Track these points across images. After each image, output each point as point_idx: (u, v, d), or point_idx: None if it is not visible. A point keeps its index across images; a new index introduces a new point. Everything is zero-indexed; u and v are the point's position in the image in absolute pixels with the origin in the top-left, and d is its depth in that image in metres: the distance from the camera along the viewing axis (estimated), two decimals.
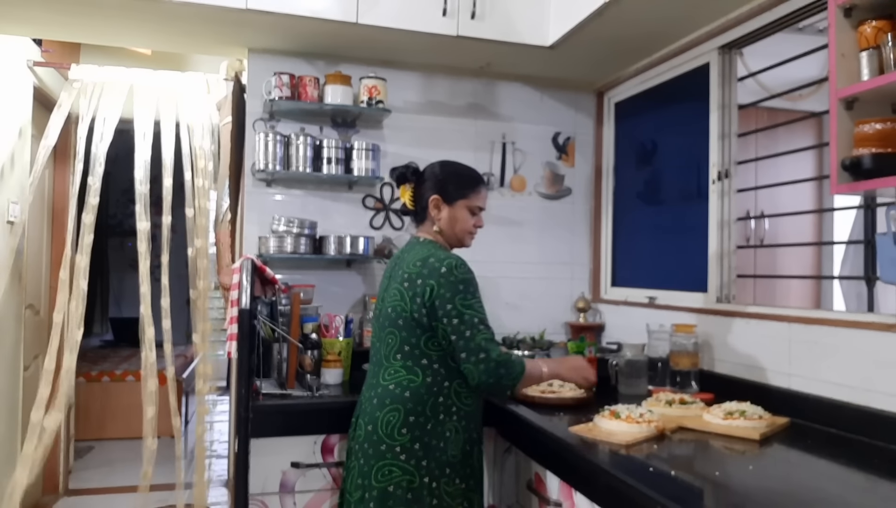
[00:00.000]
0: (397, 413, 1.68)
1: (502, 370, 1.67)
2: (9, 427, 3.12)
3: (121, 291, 7.33)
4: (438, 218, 1.86)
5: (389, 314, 1.76)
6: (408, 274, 1.74)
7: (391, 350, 1.75)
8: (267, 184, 2.67)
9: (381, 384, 1.74)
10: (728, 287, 2.33)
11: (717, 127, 2.36)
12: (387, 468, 1.66)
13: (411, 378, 1.71)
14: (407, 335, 1.73)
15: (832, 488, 1.39)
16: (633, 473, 1.39)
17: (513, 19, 2.49)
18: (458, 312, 1.67)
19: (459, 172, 1.91)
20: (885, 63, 1.45)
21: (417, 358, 1.72)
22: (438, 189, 1.86)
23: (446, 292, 1.68)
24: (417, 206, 1.90)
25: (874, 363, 1.69)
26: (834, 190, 1.55)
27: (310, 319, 2.41)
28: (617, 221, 3.01)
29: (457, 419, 1.73)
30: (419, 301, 1.70)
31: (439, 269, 1.70)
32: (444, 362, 1.72)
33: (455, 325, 1.67)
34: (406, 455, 1.67)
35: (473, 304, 1.69)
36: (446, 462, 1.70)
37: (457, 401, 1.73)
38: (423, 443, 1.68)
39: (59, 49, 3.46)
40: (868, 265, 2.54)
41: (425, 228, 1.89)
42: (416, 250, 1.81)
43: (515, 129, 2.98)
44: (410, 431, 1.68)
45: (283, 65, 2.64)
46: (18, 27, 2.59)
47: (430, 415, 1.69)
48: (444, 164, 1.93)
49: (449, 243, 1.89)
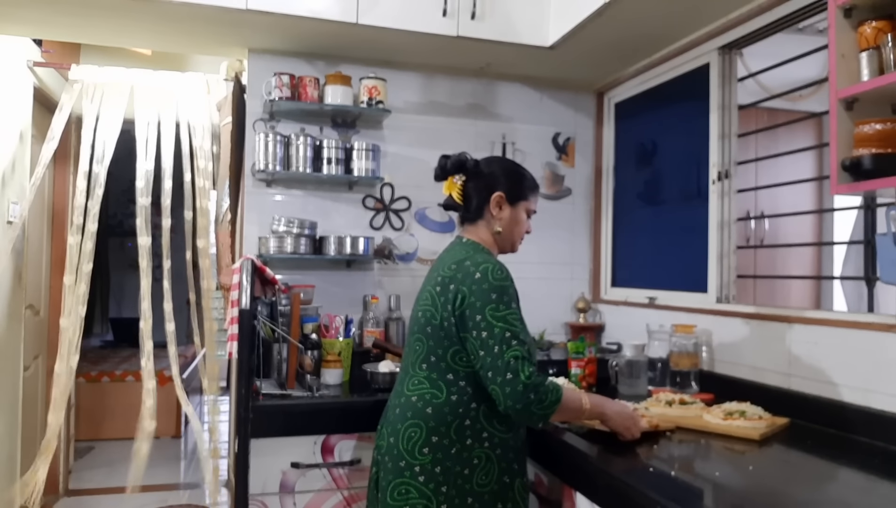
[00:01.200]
0: (418, 430, 1.54)
1: (531, 395, 1.44)
2: (9, 427, 3.12)
3: (121, 291, 7.33)
4: (500, 217, 1.70)
5: (419, 319, 1.63)
6: (441, 277, 1.60)
7: (417, 359, 1.62)
8: (267, 184, 2.67)
9: (405, 394, 1.61)
10: (728, 287, 2.33)
11: (717, 127, 2.36)
12: (404, 486, 1.53)
13: (434, 393, 1.56)
14: (434, 345, 1.58)
15: (832, 488, 1.39)
16: (633, 473, 1.40)
17: (513, 20, 2.49)
18: (488, 323, 1.49)
19: (522, 171, 1.78)
20: (885, 63, 1.45)
21: (443, 372, 1.57)
22: (503, 186, 1.71)
23: (477, 300, 1.51)
24: (471, 202, 1.72)
25: (874, 363, 1.69)
26: (834, 190, 1.55)
27: (310, 319, 2.41)
28: (617, 221, 3.01)
29: (489, 447, 1.55)
30: (449, 308, 1.55)
31: (474, 274, 1.54)
32: (472, 380, 1.56)
33: (484, 339, 1.49)
34: (425, 476, 1.52)
35: (507, 316, 1.50)
36: (470, 492, 1.53)
37: (488, 426, 1.56)
38: (445, 467, 1.52)
39: (59, 49, 3.47)
40: (868, 266, 2.55)
41: (476, 227, 1.73)
42: (456, 251, 1.67)
43: (515, 129, 2.98)
44: (432, 452, 1.53)
45: (283, 65, 2.64)
46: (18, 27, 2.59)
47: (454, 438, 1.54)
48: (504, 160, 1.81)
49: (502, 246, 1.75)
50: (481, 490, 1.54)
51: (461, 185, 1.73)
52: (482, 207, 1.71)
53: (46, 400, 3.65)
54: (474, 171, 1.73)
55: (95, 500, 3.88)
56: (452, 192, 1.74)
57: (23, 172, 3.21)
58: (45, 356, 3.72)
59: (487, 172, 1.73)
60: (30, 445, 3.41)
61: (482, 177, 1.72)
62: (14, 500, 3.12)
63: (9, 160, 3.03)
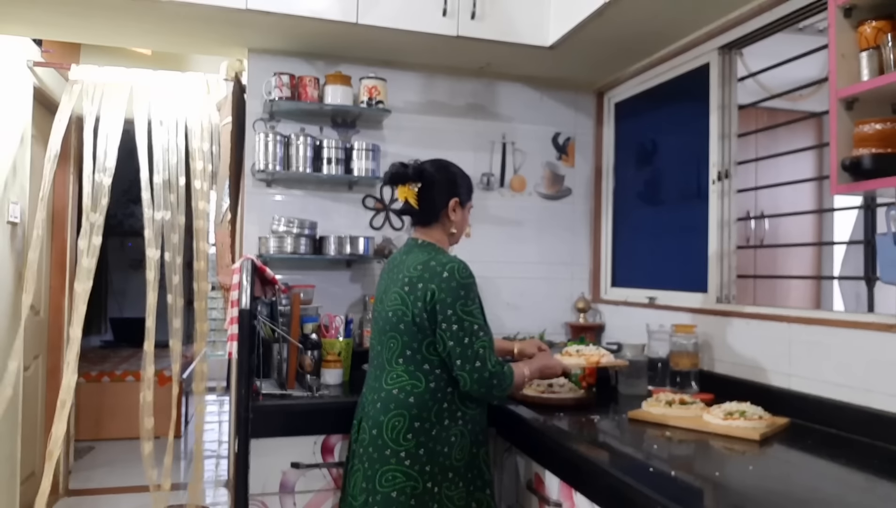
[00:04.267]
0: (402, 419, 1.67)
1: (494, 381, 1.67)
2: (9, 427, 3.12)
3: (121, 291, 7.32)
4: (454, 220, 1.84)
5: (390, 318, 1.74)
6: (408, 278, 1.72)
7: (393, 354, 1.73)
8: (267, 184, 2.67)
9: (385, 387, 1.72)
10: (728, 287, 2.33)
11: (717, 127, 2.36)
12: (391, 473, 1.65)
13: (414, 384, 1.70)
14: (408, 340, 1.71)
15: (832, 488, 1.39)
16: (633, 473, 1.39)
17: (513, 19, 2.49)
18: (458, 317, 1.65)
19: (464, 174, 1.90)
20: (885, 63, 1.45)
21: (419, 363, 1.70)
22: (457, 191, 1.84)
23: (447, 296, 1.66)
24: (426, 207, 1.83)
25: (874, 363, 1.69)
26: (834, 190, 1.55)
27: (310, 319, 2.41)
28: (617, 221, 3.01)
29: (462, 424, 1.72)
30: (420, 305, 1.68)
31: (441, 273, 1.68)
32: (445, 367, 1.71)
33: (454, 331, 1.65)
34: (411, 460, 1.66)
35: (473, 310, 1.68)
36: (450, 467, 1.69)
37: (461, 406, 1.73)
38: (428, 448, 1.67)
39: (59, 49, 3.46)
40: (868, 266, 2.54)
41: (431, 229, 1.85)
42: (416, 253, 1.78)
43: (515, 129, 2.98)
44: (416, 437, 1.67)
45: (283, 65, 2.64)
46: (18, 27, 2.59)
47: (434, 421, 1.69)
48: (449, 165, 1.88)
49: (452, 243, 1.89)
50: (458, 464, 1.71)
51: (417, 191, 1.82)
52: (439, 211, 1.83)
53: (46, 400, 3.66)
54: (430, 178, 1.83)
55: (95, 500, 3.88)
56: (409, 198, 1.83)
57: (23, 173, 3.21)
58: (46, 356, 3.72)
59: (441, 179, 1.84)
60: (30, 445, 3.41)
61: (437, 184, 1.83)
62: (14, 500, 3.12)
63: (9, 160, 3.03)
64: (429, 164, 1.87)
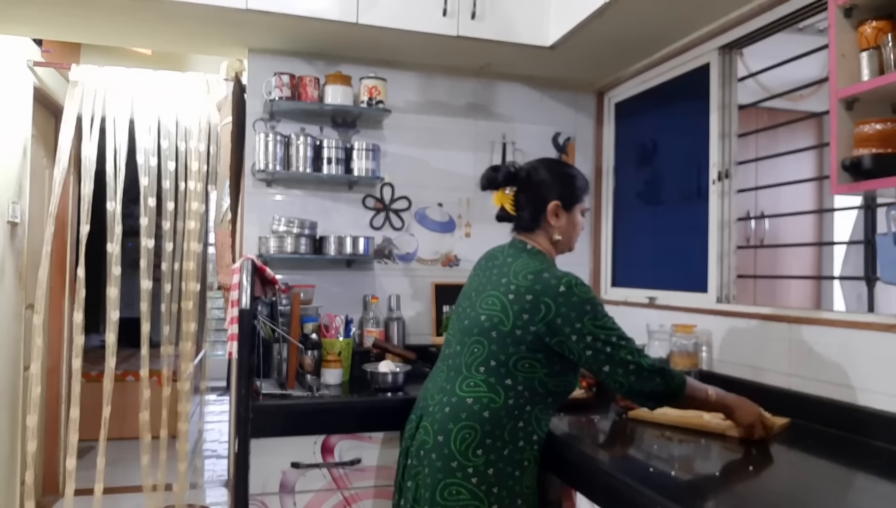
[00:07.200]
0: (473, 432, 1.54)
1: (658, 378, 1.51)
2: (9, 427, 3.12)
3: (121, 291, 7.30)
4: (557, 225, 1.70)
5: (482, 322, 1.60)
6: (515, 286, 1.57)
7: (475, 360, 1.60)
8: (267, 184, 2.68)
9: (458, 393, 1.59)
10: (728, 287, 2.33)
11: (718, 127, 2.36)
12: (454, 487, 1.53)
13: (492, 398, 1.56)
14: (496, 350, 1.57)
15: (832, 488, 1.39)
16: (633, 473, 1.39)
17: (513, 19, 2.49)
18: (591, 331, 1.51)
19: (572, 173, 1.76)
20: (885, 63, 1.45)
21: (502, 377, 1.56)
22: (557, 194, 1.70)
23: (570, 311, 1.52)
24: (525, 212, 1.71)
25: (874, 363, 1.69)
26: (834, 190, 1.55)
27: (310, 319, 2.41)
28: (617, 221, 3.00)
29: (537, 449, 1.59)
30: (526, 318, 1.54)
31: (556, 287, 1.53)
32: (529, 384, 1.57)
33: (589, 342, 1.51)
34: (478, 478, 1.52)
35: (606, 323, 1.54)
36: (519, 493, 1.55)
37: (537, 428, 1.59)
38: (498, 469, 1.53)
39: (59, 49, 3.46)
40: (868, 266, 2.54)
41: (535, 235, 1.71)
42: (525, 260, 1.63)
43: (515, 129, 2.98)
44: (486, 454, 1.53)
45: (283, 65, 2.64)
46: (18, 27, 2.59)
47: (507, 440, 1.55)
48: (552, 164, 1.77)
49: (561, 250, 1.75)
50: (527, 491, 1.57)
51: (513, 196, 1.72)
52: (538, 217, 1.70)
53: (46, 400, 3.66)
54: (525, 181, 1.71)
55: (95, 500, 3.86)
56: (504, 204, 1.73)
57: (23, 173, 3.21)
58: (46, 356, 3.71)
59: (539, 181, 1.71)
60: None
61: (534, 187, 1.71)
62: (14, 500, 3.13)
63: (9, 160, 3.03)
64: (528, 165, 1.75)
